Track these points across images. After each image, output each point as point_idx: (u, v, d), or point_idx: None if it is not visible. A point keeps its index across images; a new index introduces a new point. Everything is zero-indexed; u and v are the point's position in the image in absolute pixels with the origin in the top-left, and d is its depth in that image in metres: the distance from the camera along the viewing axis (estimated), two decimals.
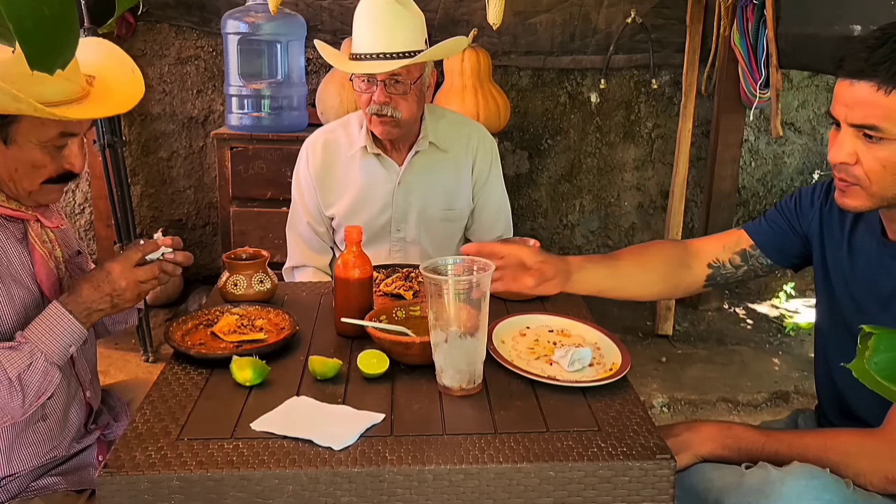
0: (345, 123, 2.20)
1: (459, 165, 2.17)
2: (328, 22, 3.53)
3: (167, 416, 1.26)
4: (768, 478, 1.26)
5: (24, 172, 1.39)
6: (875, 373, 0.62)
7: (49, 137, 1.37)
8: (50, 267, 1.49)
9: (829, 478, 1.25)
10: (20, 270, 1.44)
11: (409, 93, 1.99)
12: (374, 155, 2.12)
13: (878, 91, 1.19)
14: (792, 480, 1.24)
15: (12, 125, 1.34)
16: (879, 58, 1.18)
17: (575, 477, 1.15)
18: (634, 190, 4.02)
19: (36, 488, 1.47)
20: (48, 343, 1.37)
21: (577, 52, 3.70)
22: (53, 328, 1.38)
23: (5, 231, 1.44)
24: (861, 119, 1.22)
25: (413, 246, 2.19)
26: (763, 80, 3.15)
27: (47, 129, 1.36)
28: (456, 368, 1.33)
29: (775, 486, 1.24)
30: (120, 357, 3.31)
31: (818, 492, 1.22)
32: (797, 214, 1.53)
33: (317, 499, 1.13)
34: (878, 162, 1.23)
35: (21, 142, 1.36)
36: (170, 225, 3.88)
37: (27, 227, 1.47)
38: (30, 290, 1.45)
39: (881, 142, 1.22)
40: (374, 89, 1.97)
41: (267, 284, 1.73)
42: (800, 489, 1.22)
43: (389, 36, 1.94)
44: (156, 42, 3.68)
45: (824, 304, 1.51)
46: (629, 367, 1.40)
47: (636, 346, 3.51)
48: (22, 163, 1.38)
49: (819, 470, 1.26)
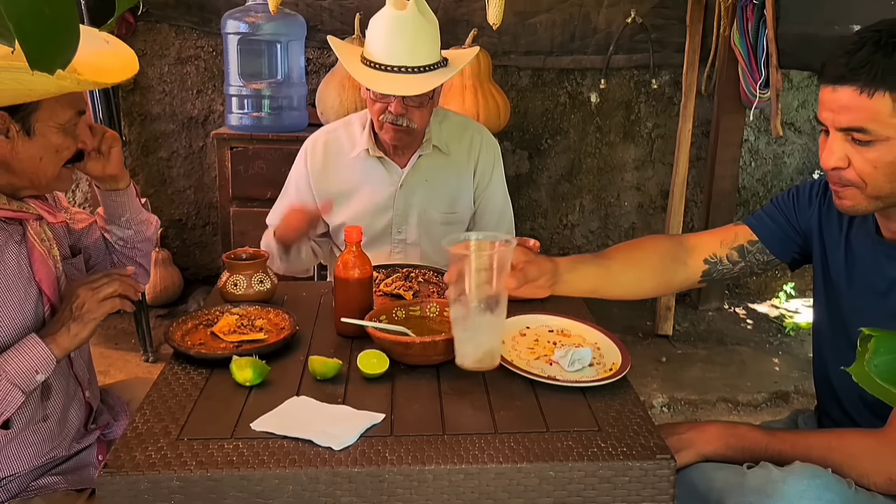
0: (346, 124, 2.19)
1: (461, 168, 2.17)
2: (328, 22, 3.53)
3: (167, 416, 1.26)
4: (770, 477, 1.26)
5: (49, 160, 1.41)
6: (875, 375, 0.62)
7: (67, 118, 1.40)
8: (49, 266, 1.49)
9: (830, 477, 1.25)
10: (17, 275, 1.44)
11: (425, 105, 1.99)
12: (377, 157, 2.11)
13: (861, 94, 1.20)
14: (794, 480, 1.24)
15: (32, 115, 1.36)
16: (858, 62, 1.20)
17: (575, 477, 1.15)
18: (634, 190, 4.01)
19: (36, 487, 1.47)
20: (13, 364, 1.35)
21: (577, 52, 3.70)
22: (21, 350, 1.37)
23: (4, 234, 1.44)
24: (848, 123, 1.23)
25: (414, 248, 2.19)
26: (763, 80, 3.15)
27: (64, 109, 1.38)
28: (476, 343, 1.32)
29: (777, 486, 1.24)
30: (120, 357, 3.31)
31: (820, 491, 1.22)
32: (795, 210, 1.53)
33: (317, 499, 1.13)
34: (870, 163, 1.24)
35: (42, 129, 1.38)
36: (170, 225, 3.88)
37: (26, 226, 1.47)
38: (27, 292, 1.45)
39: (870, 144, 1.23)
40: (391, 99, 1.95)
41: (267, 284, 1.73)
42: (802, 489, 1.22)
43: (415, 49, 1.92)
44: (156, 42, 3.68)
45: (822, 304, 1.51)
46: (629, 367, 1.40)
47: (636, 346, 3.51)
48: (46, 150, 1.40)
49: (821, 470, 1.26)
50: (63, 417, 1.50)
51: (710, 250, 1.57)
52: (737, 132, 3.65)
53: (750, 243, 1.56)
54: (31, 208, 1.47)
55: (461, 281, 1.31)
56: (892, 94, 1.19)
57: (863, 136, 1.23)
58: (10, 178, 1.42)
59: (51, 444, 1.48)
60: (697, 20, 3.41)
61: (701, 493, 1.35)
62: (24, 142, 1.38)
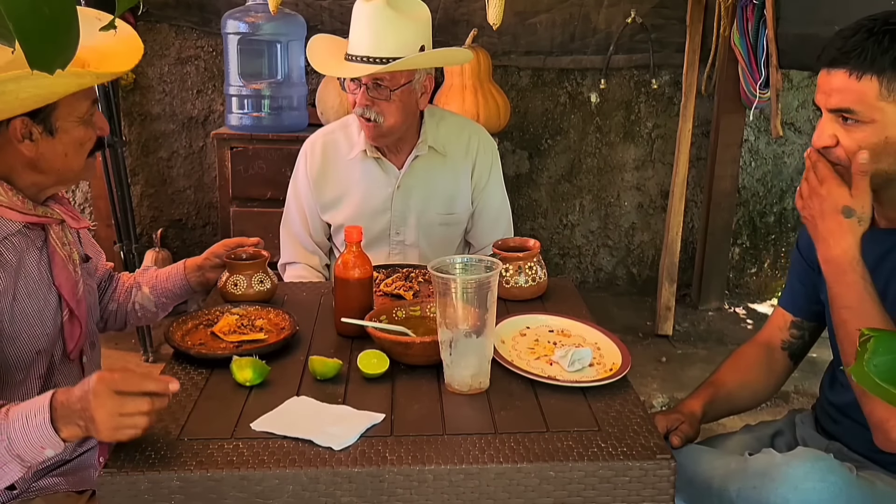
0: (344, 125, 2.19)
1: (459, 169, 2.17)
2: (328, 22, 3.53)
3: (167, 416, 1.26)
4: (773, 462, 1.29)
5: (73, 154, 1.42)
6: (875, 375, 0.62)
7: (84, 110, 1.41)
8: (69, 270, 1.50)
9: (833, 461, 1.28)
10: (38, 282, 1.45)
11: (391, 99, 1.97)
12: (374, 158, 2.11)
13: (851, 77, 1.28)
14: (798, 463, 1.26)
15: (52, 114, 1.37)
16: (851, 46, 1.27)
17: (575, 477, 1.15)
18: (634, 190, 4.01)
19: (37, 488, 1.47)
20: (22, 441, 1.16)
21: (577, 52, 3.69)
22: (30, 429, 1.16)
23: (26, 240, 1.45)
24: (837, 104, 1.30)
25: (412, 249, 2.18)
26: (763, 80, 3.15)
27: (80, 102, 1.40)
28: (463, 367, 1.33)
29: (781, 469, 1.26)
30: (120, 357, 3.31)
31: (823, 473, 1.24)
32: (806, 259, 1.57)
33: (317, 499, 1.13)
34: (856, 143, 1.30)
35: (64, 126, 1.39)
36: (170, 225, 3.88)
37: (48, 231, 1.48)
38: (46, 299, 1.46)
39: (857, 124, 1.30)
40: (357, 92, 1.97)
41: (267, 284, 1.73)
42: (805, 471, 1.24)
43: (376, 40, 1.92)
44: (156, 42, 3.68)
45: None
46: (629, 367, 1.40)
47: (636, 346, 3.51)
48: (71, 146, 1.41)
49: (823, 454, 1.29)
50: None
51: (779, 338, 1.65)
52: (737, 132, 3.65)
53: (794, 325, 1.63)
54: (56, 213, 1.47)
55: (447, 306, 1.32)
56: (879, 79, 1.26)
57: (850, 116, 1.29)
58: (36, 178, 1.43)
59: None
60: (697, 20, 3.41)
61: (702, 481, 1.37)
62: (48, 142, 1.39)
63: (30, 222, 1.43)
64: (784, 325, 1.65)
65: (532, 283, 1.76)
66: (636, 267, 4.11)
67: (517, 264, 1.76)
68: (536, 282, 1.77)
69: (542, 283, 1.79)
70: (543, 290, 1.80)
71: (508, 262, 1.76)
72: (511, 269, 1.76)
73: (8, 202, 1.40)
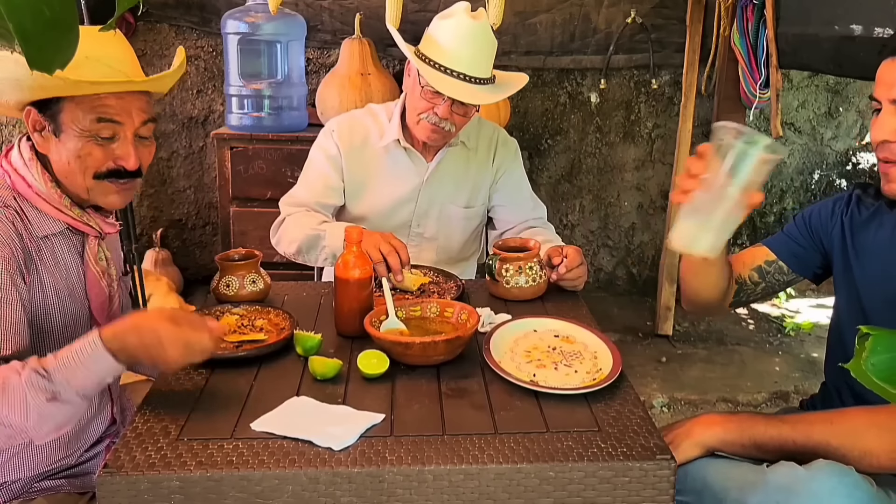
0: (370, 113, 2.18)
1: (482, 161, 2.20)
2: (328, 22, 3.53)
3: (167, 416, 1.26)
4: (796, 475, 1.22)
5: (75, 164, 1.41)
6: (872, 374, 0.62)
7: (87, 124, 1.38)
8: (101, 286, 1.50)
9: (857, 476, 1.21)
10: (76, 285, 1.46)
11: (469, 115, 2.02)
12: (403, 149, 2.11)
13: None
14: (823, 478, 1.20)
15: (59, 114, 1.38)
16: None
17: (575, 477, 1.15)
18: (634, 190, 4.01)
19: (39, 489, 1.47)
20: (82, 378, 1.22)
21: (577, 52, 3.70)
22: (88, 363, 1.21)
23: (68, 242, 1.45)
24: None
25: (430, 243, 2.20)
26: (763, 80, 3.14)
27: (84, 114, 1.38)
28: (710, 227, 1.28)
29: (806, 484, 1.20)
30: None
31: (850, 489, 1.18)
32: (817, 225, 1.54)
33: (317, 499, 1.13)
34: None
35: (67, 131, 1.39)
36: (170, 225, 3.88)
37: (85, 242, 1.48)
38: (81, 305, 1.47)
39: None
40: (440, 101, 1.95)
41: (260, 285, 1.73)
42: (832, 486, 1.18)
43: (476, 59, 1.94)
44: (156, 42, 3.68)
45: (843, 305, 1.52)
46: (619, 374, 1.37)
47: (636, 346, 3.51)
48: (71, 153, 1.40)
49: (847, 468, 1.22)
50: (83, 429, 1.51)
51: (738, 272, 1.59)
52: None
53: (767, 263, 1.57)
54: (93, 221, 1.47)
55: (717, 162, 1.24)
56: None
57: None
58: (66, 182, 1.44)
59: (64, 452, 1.48)
60: (697, 20, 3.41)
61: (717, 491, 1.31)
62: (55, 142, 1.40)
63: (68, 224, 1.44)
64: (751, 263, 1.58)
65: (532, 283, 1.76)
66: (636, 267, 4.11)
67: (517, 265, 1.76)
68: (537, 282, 1.77)
69: (543, 284, 1.79)
70: (543, 290, 1.80)
71: (508, 263, 1.76)
72: (511, 269, 1.76)
73: (47, 195, 1.41)
